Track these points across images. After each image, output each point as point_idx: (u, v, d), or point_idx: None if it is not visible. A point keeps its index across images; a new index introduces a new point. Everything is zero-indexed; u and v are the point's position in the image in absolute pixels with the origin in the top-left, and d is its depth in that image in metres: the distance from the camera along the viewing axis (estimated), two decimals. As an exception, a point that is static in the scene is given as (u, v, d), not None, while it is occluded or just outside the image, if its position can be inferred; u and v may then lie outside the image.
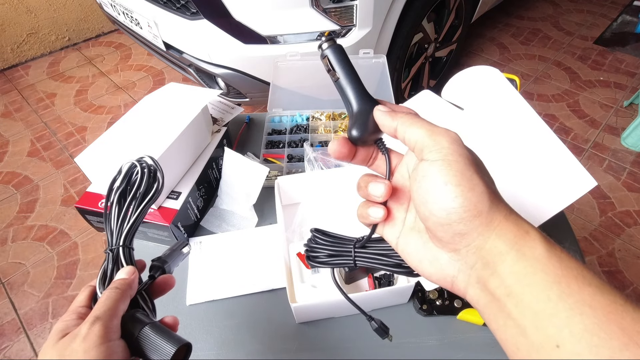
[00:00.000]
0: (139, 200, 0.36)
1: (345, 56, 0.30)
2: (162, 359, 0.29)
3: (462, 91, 0.64)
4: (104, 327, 0.29)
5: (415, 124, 0.25)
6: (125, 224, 0.36)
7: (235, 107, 0.88)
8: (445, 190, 0.22)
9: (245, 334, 0.57)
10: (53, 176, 1.81)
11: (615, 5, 2.79)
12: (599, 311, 0.18)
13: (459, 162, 0.23)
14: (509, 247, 0.21)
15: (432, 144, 0.24)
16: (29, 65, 2.55)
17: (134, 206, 0.36)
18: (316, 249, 0.34)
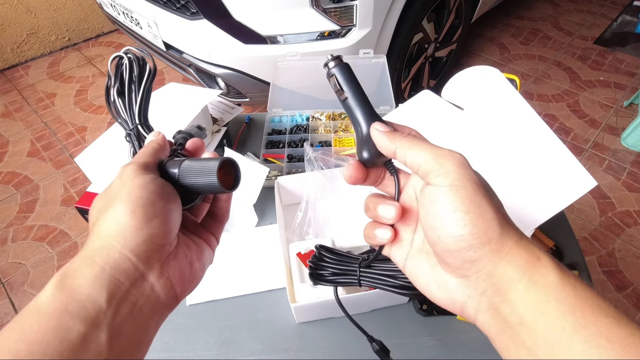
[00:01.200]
0: (137, 82, 0.37)
1: (353, 75, 0.29)
2: (209, 179, 0.27)
3: (462, 91, 0.64)
4: (137, 165, 0.26)
5: (417, 146, 0.25)
6: (134, 107, 0.37)
7: (235, 107, 0.88)
8: (453, 218, 0.22)
9: (245, 334, 0.57)
10: (53, 176, 1.81)
11: (615, 5, 2.79)
12: (617, 344, 0.18)
13: (467, 187, 0.22)
14: (521, 275, 0.21)
15: (438, 168, 0.23)
16: (29, 65, 2.55)
17: (135, 90, 0.37)
18: (321, 266, 0.34)
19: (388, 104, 0.88)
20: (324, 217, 0.68)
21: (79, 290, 0.21)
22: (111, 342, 0.21)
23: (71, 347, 0.19)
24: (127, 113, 0.37)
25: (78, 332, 0.20)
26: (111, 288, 0.21)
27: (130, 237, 0.23)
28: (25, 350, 0.18)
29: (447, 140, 0.61)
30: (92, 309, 0.21)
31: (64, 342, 0.19)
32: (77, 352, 0.19)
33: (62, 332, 0.19)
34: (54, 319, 0.20)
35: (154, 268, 0.24)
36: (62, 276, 0.22)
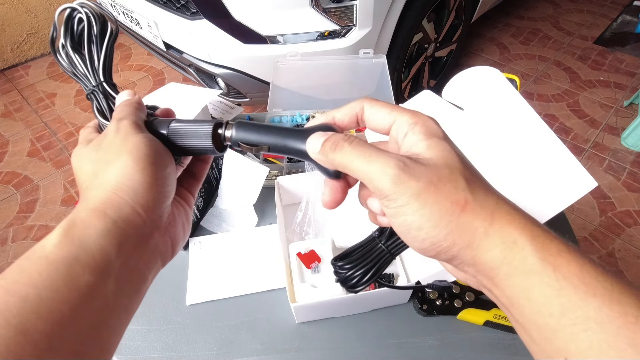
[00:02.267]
0: (98, 42, 0.33)
1: (252, 123, 0.27)
2: (202, 142, 0.27)
3: (462, 91, 0.64)
4: (131, 121, 0.26)
5: (352, 162, 0.22)
6: (96, 63, 0.33)
7: (235, 107, 0.88)
8: (409, 237, 0.21)
9: (245, 334, 0.57)
10: (53, 176, 1.81)
11: (615, 5, 2.79)
12: (607, 326, 0.17)
13: (410, 204, 0.21)
14: (498, 263, 0.20)
15: (377, 192, 0.22)
16: (29, 65, 2.55)
17: (96, 49, 0.33)
18: (350, 275, 0.31)
19: (388, 104, 0.88)
20: (324, 217, 0.68)
21: (90, 241, 0.21)
22: (117, 292, 0.21)
23: (79, 295, 0.20)
24: (87, 69, 0.33)
25: (87, 282, 0.20)
26: (121, 241, 0.22)
27: (142, 193, 0.23)
28: (33, 294, 0.18)
29: (447, 140, 0.61)
30: (102, 260, 0.21)
31: (73, 290, 0.19)
32: (84, 299, 0.20)
33: (71, 281, 0.20)
34: (62, 267, 0.20)
35: (160, 226, 0.25)
36: (70, 226, 0.22)
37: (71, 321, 0.19)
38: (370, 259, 0.30)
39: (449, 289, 0.58)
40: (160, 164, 0.25)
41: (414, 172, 0.21)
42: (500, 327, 0.55)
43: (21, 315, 0.18)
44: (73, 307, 0.19)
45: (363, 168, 0.22)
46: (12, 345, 0.17)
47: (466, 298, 0.57)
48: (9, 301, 0.18)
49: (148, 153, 0.24)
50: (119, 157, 0.24)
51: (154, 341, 0.57)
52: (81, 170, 0.26)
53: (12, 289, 0.19)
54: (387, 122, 0.24)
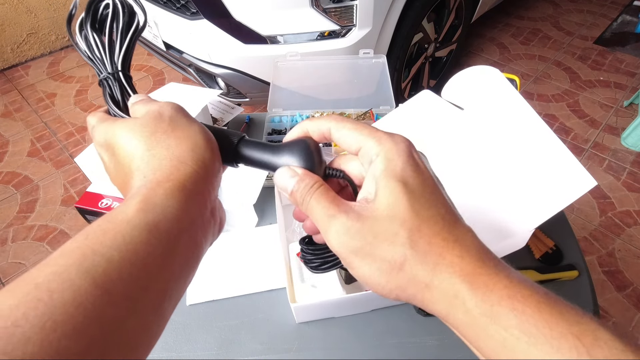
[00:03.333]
0: (123, 31, 0.32)
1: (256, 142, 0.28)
2: None
3: (462, 91, 0.64)
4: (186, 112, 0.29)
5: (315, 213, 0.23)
6: (115, 51, 0.32)
7: (235, 107, 0.88)
8: (366, 284, 0.22)
9: (245, 334, 0.57)
10: (53, 176, 1.81)
11: (615, 5, 2.79)
12: None
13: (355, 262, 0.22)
14: (445, 315, 0.21)
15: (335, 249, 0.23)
16: (29, 65, 2.55)
17: (119, 35, 0.32)
18: (311, 259, 0.32)
19: (388, 104, 0.89)
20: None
21: (169, 211, 0.22)
22: (182, 263, 0.23)
23: (156, 263, 0.21)
24: (105, 55, 0.32)
25: (162, 250, 0.21)
26: (191, 213, 0.23)
27: (213, 174, 0.26)
28: (117, 257, 0.19)
29: (447, 140, 0.61)
30: (177, 229, 0.22)
31: (151, 257, 0.21)
32: (158, 268, 0.21)
33: (150, 247, 0.21)
34: (144, 232, 0.21)
35: (215, 206, 0.27)
36: (147, 195, 0.22)
37: (147, 286, 0.20)
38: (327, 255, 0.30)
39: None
40: (217, 150, 0.27)
41: (355, 232, 0.21)
42: (500, 327, 0.55)
43: (106, 276, 0.19)
44: (149, 273, 0.20)
45: (320, 225, 0.23)
46: (98, 303, 0.18)
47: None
48: (95, 260, 0.19)
49: (210, 138, 0.27)
50: (189, 135, 0.26)
51: (154, 341, 0.57)
52: (150, 139, 0.26)
53: (98, 250, 0.19)
54: (354, 147, 0.24)
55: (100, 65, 0.32)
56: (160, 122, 0.26)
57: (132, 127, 0.26)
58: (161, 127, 0.26)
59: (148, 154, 0.25)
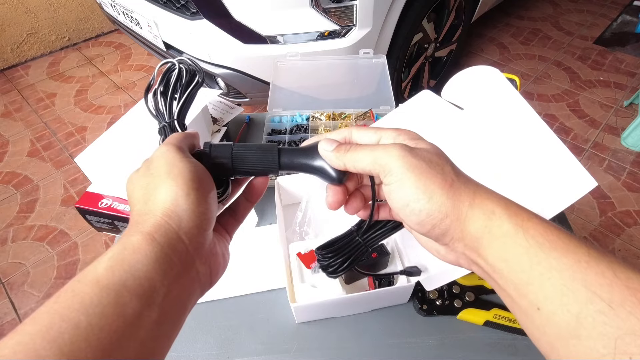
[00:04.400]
0: (184, 87, 0.41)
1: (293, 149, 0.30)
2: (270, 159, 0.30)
3: (462, 91, 0.64)
4: (176, 147, 0.27)
5: (358, 155, 0.27)
6: (174, 105, 0.40)
7: (235, 107, 0.88)
8: (409, 210, 0.25)
9: (245, 334, 0.57)
10: (53, 176, 1.81)
11: (615, 5, 2.79)
12: (565, 272, 0.20)
13: (410, 178, 0.25)
14: (481, 232, 0.24)
15: (381, 169, 0.26)
16: (29, 65, 2.55)
17: (180, 92, 0.40)
18: (330, 264, 0.34)
19: (388, 104, 0.89)
20: (324, 217, 0.68)
21: (138, 267, 0.21)
22: (160, 320, 0.22)
23: (127, 323, 0.20)
24: (165, 108, 0.40)
25: (134, 309, 0.20)
26: (165, 269, 0.22)
27: (186, 219, 0.24)
28: (85, 322, 0.19)
29: (447, 140, 0.61)
30: (148, 287, 0.21)
31: (121, 318, 0.20)
32: (131, 327, 0.20)
33: (119, 308, 0.20)
34: (113, 293, 0.20)
35: (201, 254, 0.25)
36: (120, 250, 0.22)
37: (118, 350, 0.19)
38: (348, 250, 0.34)
39: (449, 289, 0.58)
40: (202, 189, 0.25)
41: (413, 152, 0.26)
42: (500, 327, 0.55)
43: (73, 344, 0.18)
44: (120, 336, 0.20)
45: (370, 157, 0.26)
46: None
47: (466, 298, 0.57)
48: (62, 327, 0.18)
49: (192, 178, 0.25)
50: (164, 182, 0.25)
51: (154, 341, 0.57)
52: (133, 195, 0.26)
53: (66, 315, 0.19)
54: (373, 140, 0.28)
55: (160, 117, 0.39)
56: (146, 172, 0.26)
57: (132, 178, 0.27)
58: (145, 178, 0.26)
59: (134, 204, 0.26)
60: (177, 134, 0.30)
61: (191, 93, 0.41)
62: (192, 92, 0.41)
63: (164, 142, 0.28)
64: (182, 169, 0.25)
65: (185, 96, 0.40)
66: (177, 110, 0.39)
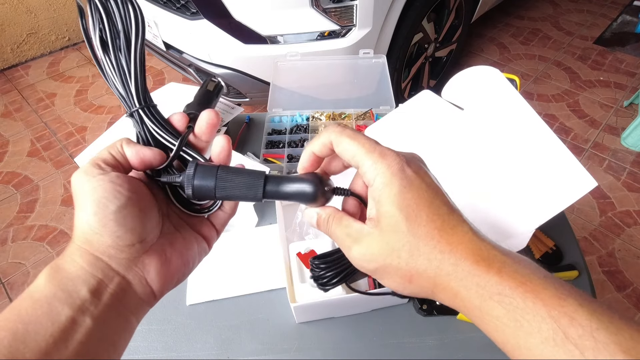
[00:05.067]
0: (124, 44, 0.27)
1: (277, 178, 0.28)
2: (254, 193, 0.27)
3: (462, 91, 0.64)
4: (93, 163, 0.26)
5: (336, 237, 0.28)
6: (129, 79, 0.28)
7: (235, 107, 0.88)
8: None
9: (245, 334, 0.57)
10: (53, 176, 1.81)
11: (615, 5, 2.79)
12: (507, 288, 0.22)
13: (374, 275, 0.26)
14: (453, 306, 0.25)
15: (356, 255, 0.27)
16: (29, 65, 2.55)
17: (124, 54, 0.27)
18: (321, 275, 0.34)
19: (388, 104, 0.89)
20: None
21: (65, 282, 0.24)
22: (96, 326, 0.24)
23: (61, 327, 0.22)
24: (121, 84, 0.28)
25: (66, 316, 0.23)
26: (91, 283, 0.24)
27: (97, 240, 0.25)
28: (22, 329, 0.22)
29: (447, 140, 0.61)
30: (78, 298, 0.24)
31: (55, 324, 0.22)
32: (66, 331, 0.22)
33: (52, 315, 0.22)
34: (45, 304, 0.23)
35: (129, 267, 0.26)
36: (54, 269, 0.24)
37: (55, 350, 0.22)
38: (342, 264, 0.33)
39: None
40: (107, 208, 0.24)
41: (370, 258, 0.26)
42: (500, 327, 0.55)
43: (12, 347, 0.21)
44: (56, 339, 0.22)
45: (342, 248, 0.28)
46: None
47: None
48: (0, 335, 0.21)
49: (94, 199, 0.24)
50: (77, 202, 0.25)
51: (154, 341, 0.57)
52: None
53: (4, 325, 0.22)
54: (353, 163, 0.27)
55: (121, 100, 0.29)
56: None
57: None
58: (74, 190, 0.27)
59: None
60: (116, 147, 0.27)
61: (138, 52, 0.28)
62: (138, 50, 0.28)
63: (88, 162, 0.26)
64: (88, 188, 0.25)
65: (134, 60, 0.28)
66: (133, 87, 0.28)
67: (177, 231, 0.30)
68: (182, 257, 0.29)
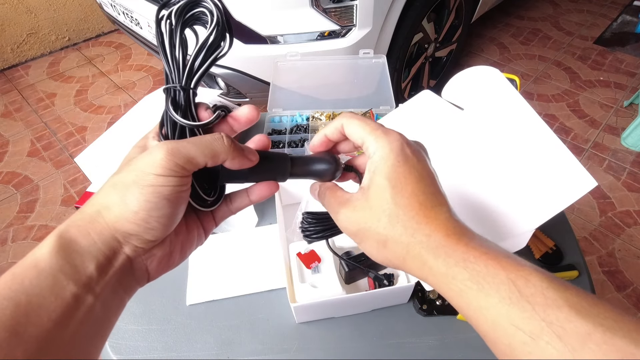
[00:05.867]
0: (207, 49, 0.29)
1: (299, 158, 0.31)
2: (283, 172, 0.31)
3: (462, 91, 0.64)
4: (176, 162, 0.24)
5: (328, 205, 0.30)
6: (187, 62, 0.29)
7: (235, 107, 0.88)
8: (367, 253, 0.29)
9: (245, 334, 0.57)
10: (53, 176, 1.81)
11: (615, 5, 2.79)
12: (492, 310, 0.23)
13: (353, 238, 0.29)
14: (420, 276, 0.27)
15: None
16: (29, 65, 2.55)
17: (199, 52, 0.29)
18: (309, 228, 0.38)
19: (388, 104, 0.89)
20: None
21: (74, 256, 0.23)
22: (96, 305, 0.23)
23: (64, 304, 0.21)
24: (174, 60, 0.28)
25: (71, 292, 0.22)
26: (100, 261, 0.24)
27: (126, 227, 0.24)
28: (25, 300, 0.20)
29: (447, 140, 0.61)
30: (84, 274, 0.23)
31: (59, 299, 0.21)
32: (69, 308, 0.22)
33: (56, 290, 0.21)
34: (50, 276, 0.22)
35: (139, 255, 0.26)
36: (64, 239, 0.23)
37: (58, 327, 0.21)
38: (328, 223, 0.37)
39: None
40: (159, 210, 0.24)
41: (354, 220, 0.28)
42: (500, 327, 0.55)
43: (14, 319, 0.20)
44: (59, 315, 0.21)
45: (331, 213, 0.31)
46: (5, 346, 0.19)
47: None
48: (3, 304, 0.20)
49: (150, 200, 0.24)
50: (128, 189, 0.24)
51: (154, 341, 0.57)
52: (111, 176, 0.26)
53: (6, 294, 0.20)
54: (359, 141, 0.29)
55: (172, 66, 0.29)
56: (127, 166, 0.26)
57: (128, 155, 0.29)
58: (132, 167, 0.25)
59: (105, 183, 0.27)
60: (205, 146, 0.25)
61: (213, 61, 0.30)
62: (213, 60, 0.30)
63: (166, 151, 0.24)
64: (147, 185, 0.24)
65: (206, 61, 0.29)
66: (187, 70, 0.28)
67: (183, 221, 0.29)
68: (182, 248, 0.29)
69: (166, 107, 0.28)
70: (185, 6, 0.29)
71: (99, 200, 0.25)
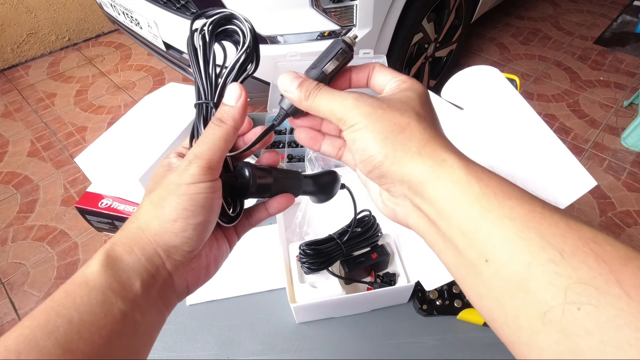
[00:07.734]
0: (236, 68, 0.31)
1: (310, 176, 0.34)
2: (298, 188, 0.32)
3: (462, 91, 0.64)
4: (203, 166, 0.25)
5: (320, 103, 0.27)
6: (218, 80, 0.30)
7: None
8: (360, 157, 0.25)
9: (245, 334, 0.57)
10: (53, 176, 1.81)
11: (615, 5, 2.79)
12: (518, 221, 0.19)
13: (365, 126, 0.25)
14: (429, 177, 0.23)
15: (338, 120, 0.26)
16: (29, 65, 2.56)
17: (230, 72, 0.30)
18: (308, 260, 0.38)
19: (388, 104, 0.88)
20: (324, 217, 0.68)
21: (121, 273, 0.24)
22: (141, 321, 0.24)
23: (114, 321, 0.22)
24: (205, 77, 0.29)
25: (119, 309, 0.23)
26: (144, 277, 0.24)
27: (166, 239, 0.25)
28: (77, 318, 0.21)
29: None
30: (131, 292, 0.24)
31: (109, 316, 0.22)
32: (117, 325, 0.22)
33: (106, 307, 0.22)
34: (100, 294, 0.22)
35: (179, 269, 0.27)
36: (110, 257, 0.24)
37: (107, 344, 0.22)
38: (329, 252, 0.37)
39: (449, 289, 0.58)
40: (196, 218, 0.25)
41: (366, 100, 0.25)
42: (500, 327, 0.55)
43: (67, 336, 0.20)
44: (109, 332, 0.22)
45: (327, 106, 0.26)
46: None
47: (466, 298, 0.57)
48: (57, 322, 0.21)
49: (187, 207, 0.25)
50: (164, 200, 0.25)
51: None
52: (146, 190, 0.28)
53: (60, 312, 0.21)
54: (386, 81, 0.28)
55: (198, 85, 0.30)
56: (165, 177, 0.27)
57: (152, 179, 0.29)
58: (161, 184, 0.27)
59: (141, 205, 0.28)
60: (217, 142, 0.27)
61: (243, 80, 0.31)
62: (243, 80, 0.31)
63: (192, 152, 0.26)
64: (183, 194, 0.25)
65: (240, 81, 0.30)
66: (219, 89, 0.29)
67: (213, 236, 0.31)
68: (215, 260, 0.31)
69: (197, 122, 0.30)
70: (219, 20, 0.30)
71: (138, 217, 0.26)
